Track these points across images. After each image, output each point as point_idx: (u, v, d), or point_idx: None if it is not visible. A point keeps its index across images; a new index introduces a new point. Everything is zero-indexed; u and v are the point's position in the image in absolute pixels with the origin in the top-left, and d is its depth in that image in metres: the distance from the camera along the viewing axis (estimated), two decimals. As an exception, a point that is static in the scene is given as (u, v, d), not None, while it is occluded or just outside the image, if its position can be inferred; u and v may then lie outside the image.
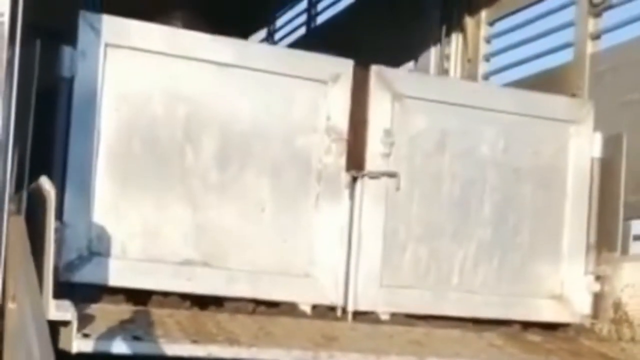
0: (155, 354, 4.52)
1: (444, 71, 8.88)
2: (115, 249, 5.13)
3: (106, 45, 5.17)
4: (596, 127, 6.22)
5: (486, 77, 8.64)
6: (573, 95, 6.96)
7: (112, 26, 5.19)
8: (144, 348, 4.52)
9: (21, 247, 4.13)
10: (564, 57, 7.59)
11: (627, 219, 6.24)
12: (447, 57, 8.91)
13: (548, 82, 7.37)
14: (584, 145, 6.19)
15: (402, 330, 5.46)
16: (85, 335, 4.39)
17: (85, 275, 5.02)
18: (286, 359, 4.76)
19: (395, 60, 9.80)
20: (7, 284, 4.13)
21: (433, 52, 9.01)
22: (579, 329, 6.05)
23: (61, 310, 4.30)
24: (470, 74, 8.63)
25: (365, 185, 5.63)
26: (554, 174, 6.15)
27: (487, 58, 8.71)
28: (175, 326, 4.81)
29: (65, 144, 5.07)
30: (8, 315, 4.06)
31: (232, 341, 4.72)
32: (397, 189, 5.68)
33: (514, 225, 6.03)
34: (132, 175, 5.21)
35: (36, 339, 3.14)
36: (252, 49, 5.52)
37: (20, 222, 4.45)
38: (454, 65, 8.86)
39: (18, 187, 4.76)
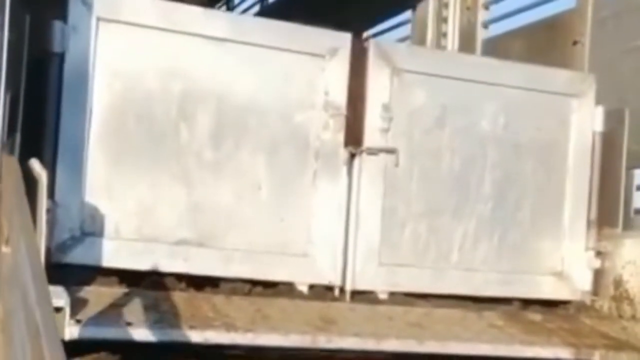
0: (149, 340, 4.44)
1: (442, 19, 8.70)
2: (108, 229, 5.02)
3: (98, 19, 5.02)
4: (598, 74, 6.09)
5: (485, 25, 8.42)
6: (575, 42, 6.82)
7: (104, 0, 5.04)
8: (138, 334, 4.43)
9: (15, 188, 3.98)
10: (566, 3, 7.36)
11: (630, 168, 6.15)
12: (446, 5, 8.71)
13: (549, 29, 7.24)
14: (585, 120, 6.08)
15: (401, 311, 5.37)
16: (78, 321, 4.30)
17: (77, 256, 4.91)
18: (284, 343, 4.68)
19: (392, 11, 9.77)
20: (1, 226, 4.01)
21: (431, 1, 8.83)
22: (580, 307, 5.98)
23: (54, 296, 4.17)
24: (469, 22, 8.44)
25: (363, 162, 5.52)
26: (555, 149, 6.04)
27: (487, 5, 8.49)
28: (171, 310, 4.72)
29: (57, 121, 4.94)
30: (1, 258, 3.94)
31: (229, 326, 4.64)
32: (396, 165, 5.57)
33: (514, 201, 5.93)
34: (125, 153, 5.09)
35: (32, 281, 3.04)
36: (248, 23, 5.37)
37: (13, 162, 4.30)
38: (453, 14, 8.67)
39: (11, 130, 4.62)
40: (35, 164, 4.41)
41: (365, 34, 11.29)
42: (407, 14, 9.46)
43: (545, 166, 6.02)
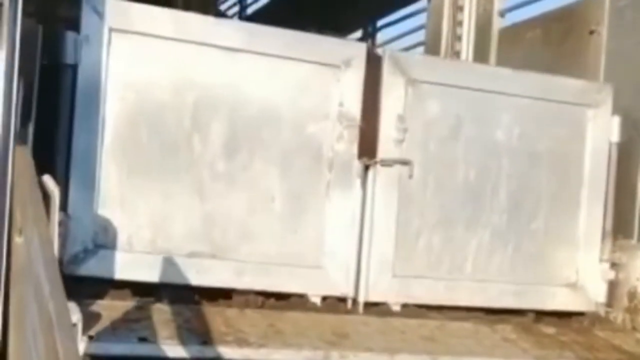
0: (162, 356, 4.42)
1: (458, 8, 8.62)
2: (121, 241, 5.00)
3: (110, 29, 5.00)
4: (615, 64, 6.02)
5: (502, 13, 8.33)
6: (592, 32, 6.75)
7: (116, 10, 5.02)
8: (151, 350, 4.42)
9: (28, 179, 3.95)
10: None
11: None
12: (462, -6, 8.66)
13: (566, 18, 7.15)
14: (601, 130, 6.03)
15: (414, 324, 5.35)
16: (91, 337, 4.29)
17: (90, 268, 4.90)
18: (296, 359, 4.65)
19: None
20: (15, 217, 3.98)
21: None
22: (594, 318, 5.95)
23: (66, 313, 4.18)
24: (485, 10, 8.36)
25: (377, 173, 5.49)
26: (570, 159, 6.00)
27: (504, -6, 8.41)
28: (184, 325, 4.70)
29: (69, 132, 4.93)
30: (15, 249, 3.92)
31: (242, 341, 4.62)
32: (410, 176, 5.53)
33: (529, 212, 5.89)
34: (138, 165, 5.07)
35: (45, 273, 3.02)
36: (261, 33, 5.32)
37: (26, 153, 4.27)
38: (469, 2, 8.57)
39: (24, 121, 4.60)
40: (48, 181, 4.37)
41: (380, 22, 11.41)
42: (423, 2, 9.40)
43: (560, 176, 5.97)
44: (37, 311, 3.09)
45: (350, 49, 5.54)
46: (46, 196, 4.36)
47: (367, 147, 5.49)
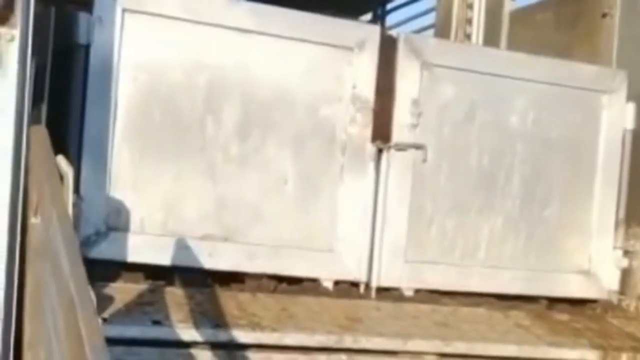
0: (175, 339, 4.39)
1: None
2: (133, 223, 4.96)
3: (123, 10, 4.94)
4: (629, 49, 5.96)
5: None
6: (604, 15, 6.68)
7: (130, -9, 4.97)
8: (164, 333, 4.39)
9: (44, 158, 3.91)
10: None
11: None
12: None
13: (578, 0, 7.08)
14: (616, 116, 5.98)
15: (427, 310, 5.32)
16: (104, 320, 4.26)
17: (102, 251, 4.86)
18: (309, 343, 4.62)
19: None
20: (30, 197, 3.94)
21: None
22: (606, 306, 5.91)
23: (79, 295, 4.15)
24: None
25: (391, 157, 5.44)
26: (584, 145, 5.95)
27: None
28: (196, 308, 4.67)
29: (82, 114, 4.88)
30: (30, 229, 3.89)
31: (255, 325, 4.58)
32: (424, 161, 5.49)
33: (542, 198, 5.85)
34: (150, 147, 5.02)
35: (65, 252, 2.98)
36: (273, 14, 5.26)
37: (42, 132, 4.23)
38: None
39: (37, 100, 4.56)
40: (61, 161, 4.33)
41: (390, 5, 11.32)
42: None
43: (574, 163, 5.93)
44: (56, 291, 3.05)
45: (363, 31, 5.49)
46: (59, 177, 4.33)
47: (381, 131, 5.44)
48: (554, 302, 5.81)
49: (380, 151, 5.42)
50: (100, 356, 2.42)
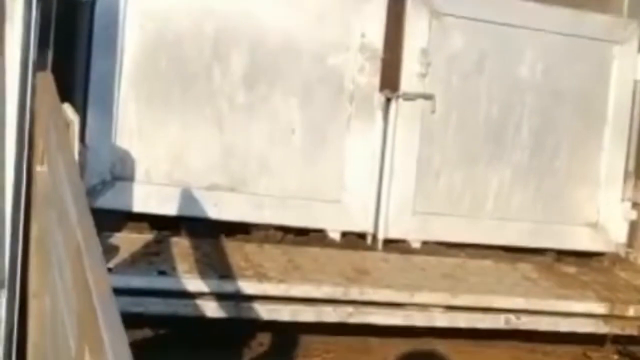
0: (181, 289, 4.36)
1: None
2: (139, 173, 4.91)
3: (130, -44, 4.86)
4: None
5: None
6: None
7: None
8: (170, 283, 4.36)
9: (51, 105, 3.85)
10: None
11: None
12: None
13: None
14: (627, 68, 5.90)
15: (435, 262, 5.28)
16: (110, 270, 4.22)
17: (108, 201, 4.81)
18: (316, 295, 4.59)
19: None
20: (36, 144, 3.90)
21: None
22: (614, 259, 5.87)
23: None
24: None
25: (399, 107, 5.37)
26: (594, 97, 5.87)
27: None
28: (202, 259, 4.63)
29: (87, 62, 4.81)
30: (36, 178, 3.85)
31: (261, 276, 4.55)
32: (433, 111, 5.42)
33: (551, 150, 5.78)
34: (156, 95, 4.96)
35: (72, 200, 2.93)
36: (282, -39, 5.19)
37: (48, 78, 4.16)
38: None
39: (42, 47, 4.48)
40: (67, 109, 4.27)
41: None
42: None
43: (584, 114, 5.86)
44: (62, 239, 3.01)
45: (373, -21, 5.40)
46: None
47: (389, 80, 5.37)
48: (562, 254, 5.77)
49: (388, 101, 5.36)
50: (108, 306, 2.38)
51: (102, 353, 2.21)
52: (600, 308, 5.16)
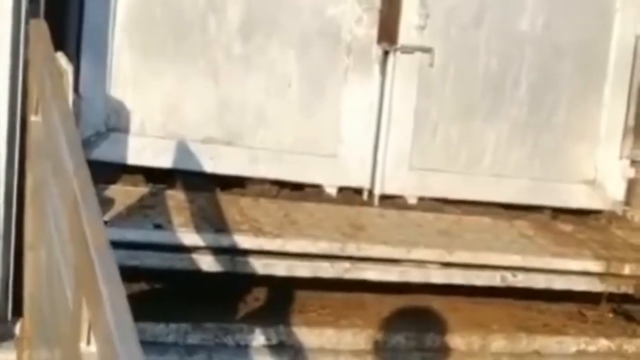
0: (177, 243, 4.31)
1: None
2: (133, 125, 4.84)
3: None
4: None
5: None
6: None
7: None
8: (165, 237, 4.31)
9: (45, 53, 3.76)
10: None
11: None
12: None
13: None
14: (628, 22, 5.79)
15: (431, 218, 5.23)
16: (105, 223, 4.14)
17: (102, 152, 4.74)
18: (312, 250, 4.54)
19: None
20: (31, 94, 3.82)
21: None
22: (611, 217, 5.82)
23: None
24: None
25: (397, 60, 5.28)
26: (595, 51, 5.77)
27: None
28: (198, 212, 4.57)
29: (80, 10, 4.70)
30: (30, 128, 3.78)
31: (257, 231, 4.50)
32: (431, 65, 5.33)
33: (549, 105, 5.70)
34: (151, 45, 4.87)
35: (68, 150, 2.87)
36: None
37: (42, 25, 4.06)
38: None
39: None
40: (61, 58, 4.18)
41: None
42: None
43: (584, 69, 5.76)
44: (58, 191, 2.94)
45: None
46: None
47: (387, 32, 5.28)
48: (559, 212, 5.72)
49: (386, 53, 5.27)
50: (106, 258, 2.33)
51: (100, 305, 2.16)
52: (596, 266, 5.11)
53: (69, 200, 2.67)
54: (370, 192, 5.31)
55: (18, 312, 3.93)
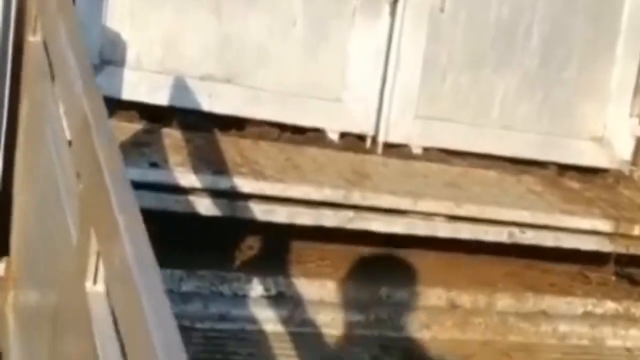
0: (174, 183, 4.07)
1: None
2: (129, 58, 4.57)
3: None
4: None
5: None
6: None
7: None
8: (162, 176, 4.07)
9: None
10: None
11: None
12: None
13: None
14: (644, -26, 5.58)
15: (437, 169, 5.01)
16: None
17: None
18: (316, 197, 4.32)
19: None
20: (29, 13, 3.55)
21: None
22: (618, 176, 5.62)
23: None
24: None
25: (407, 3, 5.02)
26: (608, 5, 5.54)
27: None
28: (195, 152, 4.33)
29: None
30: (28, 49, 3.53)
31: (257, 174, 4.27)
32: (442, 10, 5.09)
33: (561, 59, 5.46)
34: (151, -26, 4.59)
35: (76, 67, 2.67)
36: None
37: None
38: None
39: None
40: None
41: None
42: None
43: (597, 23, 5.53)
44: (64, 110, 2.73)
45: None
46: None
47: (398, -26, 5.03)
48: (564, 168, 5.52)
49: (396, -4, 5.02)
50: (121, 183, 2.12)
51: (114, 237, 1.97)
52: (605, 225, 4.93)
53: (78, 121, 2.45)
54: (374, 140, 5.07)
55: (3, 252, 3.71)
